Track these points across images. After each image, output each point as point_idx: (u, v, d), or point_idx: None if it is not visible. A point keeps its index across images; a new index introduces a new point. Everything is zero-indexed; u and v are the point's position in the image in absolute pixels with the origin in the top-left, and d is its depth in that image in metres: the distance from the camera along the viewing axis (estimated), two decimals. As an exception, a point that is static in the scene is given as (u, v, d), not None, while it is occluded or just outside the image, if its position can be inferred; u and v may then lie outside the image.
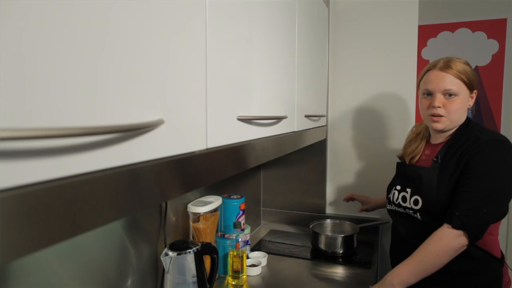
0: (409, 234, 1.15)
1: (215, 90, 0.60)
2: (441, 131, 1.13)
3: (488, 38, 2.14)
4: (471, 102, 1.11)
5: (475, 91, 1.11)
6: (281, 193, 1.89)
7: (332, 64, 1.78)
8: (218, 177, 0.64)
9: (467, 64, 1.10)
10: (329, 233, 1.59)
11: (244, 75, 0.73)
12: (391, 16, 1.67)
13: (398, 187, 1.20)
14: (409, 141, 1.30)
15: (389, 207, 1.26)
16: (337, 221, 1.66)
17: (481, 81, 2.17)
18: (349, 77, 1.76)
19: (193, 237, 1.18)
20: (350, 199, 1.65)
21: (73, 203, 0.34)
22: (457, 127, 1.12)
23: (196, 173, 0.57)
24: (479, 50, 2.16)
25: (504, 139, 1.02)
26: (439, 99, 1.07)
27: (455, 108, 1.07)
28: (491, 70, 2.15)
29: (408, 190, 1.15)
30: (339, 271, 1.35)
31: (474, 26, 2.16)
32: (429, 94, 1.11)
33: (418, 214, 1.10)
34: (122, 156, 0.41)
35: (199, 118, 0.56)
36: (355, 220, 1.64)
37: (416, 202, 1.11)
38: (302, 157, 1.82)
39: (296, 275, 1.32)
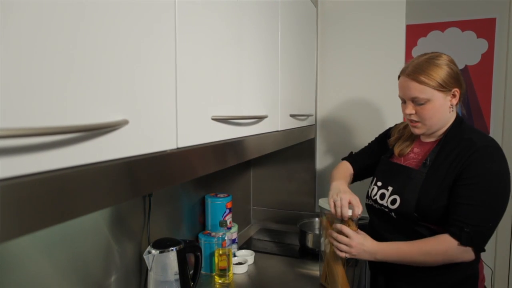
0: (384, 230, 1.13)
1: (186, 91, 0.61)
2: (423, 135, 1.11)
3: (478, 37, 2.16)
4: (453, 101, 1.03)
5: (455, 89, 1.02)
6: (272, 191, 1.90)
7: (320, 64, 1.78)
8: (192, 176, 0.65)
9: (438, 65, 1.00)
10: (316, 232, 1.60)
11: (220, 75, 0.74)
12: (379, 15, 1.68)
13: (379, 183, 1.16)
14: (402, 129, 1.23)
15: (366, 201, 1.23)
16: (325, 220, 1.67)
17: (471, 80, 2.19)
18: (338, 77, 1.77)
19: (178, 236, 1.19)
20: None
21: (35, 198, 0.36)
22: (447, 127, 1.07)
23: (168, 172, 0.58)
24: (468, 49, 2.18)
25: (497, 146, 1.00)
26: (410, 106, 1.04)
27: (428, 115, 1.02)
28: (480, 69, 2.17)
29: (390, 188, 1.11)
30: (325, 269, 1.36)
31: (463, 25, 2.17)
32: (403, 100, 1.08)
33: (393, 213, 1.09)
34: (85, 155, 0.42)
35: (168, 118, 0.57)
36: (343, 219, 1.65)
37: (393, 202, 1.08)
38: (292, 156, 1.83)
39: (282, 273, 1.33)
